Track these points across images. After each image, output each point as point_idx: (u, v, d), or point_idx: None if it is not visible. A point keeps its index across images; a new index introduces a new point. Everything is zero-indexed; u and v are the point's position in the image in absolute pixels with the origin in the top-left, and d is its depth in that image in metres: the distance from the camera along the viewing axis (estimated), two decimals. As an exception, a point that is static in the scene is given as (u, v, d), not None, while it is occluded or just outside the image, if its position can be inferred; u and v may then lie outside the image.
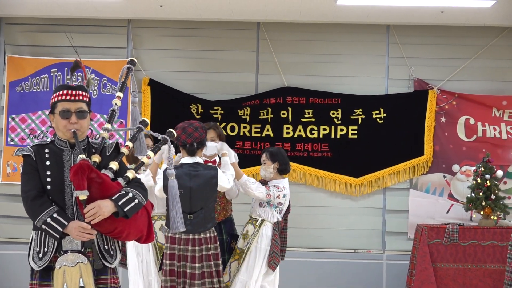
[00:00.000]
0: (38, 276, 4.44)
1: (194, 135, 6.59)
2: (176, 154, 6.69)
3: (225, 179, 6.71)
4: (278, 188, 7.12)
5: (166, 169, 6.58)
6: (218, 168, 6.74)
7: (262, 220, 7.13)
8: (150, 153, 4.79)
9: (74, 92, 4.54)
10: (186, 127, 6.63)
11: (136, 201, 4.44)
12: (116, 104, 4.80)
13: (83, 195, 4.29)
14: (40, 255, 4.43)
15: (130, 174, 4.56)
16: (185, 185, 6.51)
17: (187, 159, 6.64)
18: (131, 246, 7.10)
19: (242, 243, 7.12)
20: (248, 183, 7.00)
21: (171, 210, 5.01)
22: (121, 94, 4.85)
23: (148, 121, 5.02)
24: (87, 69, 5.17)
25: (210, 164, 6.80)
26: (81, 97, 4.56)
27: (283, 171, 7.30)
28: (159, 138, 4.91)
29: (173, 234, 6.49)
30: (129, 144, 4.74)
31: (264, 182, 7.36)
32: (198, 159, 6.66)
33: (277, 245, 7.09)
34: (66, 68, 9.42)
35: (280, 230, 7.26)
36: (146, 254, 7.21)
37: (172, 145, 5.04)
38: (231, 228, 7.38)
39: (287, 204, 7.30)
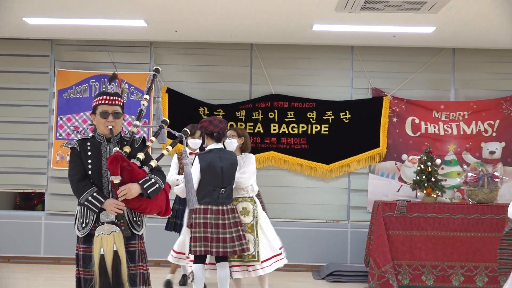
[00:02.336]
0: (82, 241, 4.49)
1: (220, 126, 6.68)
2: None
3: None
4: None
5: (199, 155, 6.66)
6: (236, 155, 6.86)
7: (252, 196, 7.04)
8: (169, 147, 4.81)
9: (111, 98, 4.58)
10: (212, 120, 6.72)
11: (157, 185, 4.48)
12: (143, 104, 4.82)
13: (116, 179, 4.33)
14: (83, 225, 4.47)
15: (153, 163, 4.60)
16: (218, 165, 6.57)
17: (214, 145, 6.70)
18: None
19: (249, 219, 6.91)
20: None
21: (187, 191, 5.01)
22: (147, 97, 4.86)
23: (168, 121, 5.04)
24: (122, 81, 5.16)
25: (229, 151, 6.84)
26: (116, 102, 4.59)
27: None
28: (176, 135, 4.93)
29: (207, 206, 6.49)
30: (153, 138, 4.77)
31: None
32: (221, 145, 6.72)
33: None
34: (102, 79, 9.42)
35: None
36: None
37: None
38: None
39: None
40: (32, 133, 9.64)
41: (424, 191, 8.55)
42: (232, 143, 6.97)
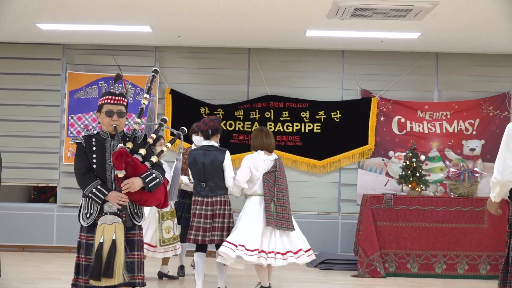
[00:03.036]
0: (85, 230, 4.47)
1: (209, 124, 6.65)
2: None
3: (229, 164, 6.62)
4: None
5: (190, 151, 6.77)
6: (227, 151, 6.66)
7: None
8: (168, 144, 4.80)
9: (116, 98, 4.54)
10: (205, 119, 6.75)
11: (158, 180, 4.47)
12: (144, 103, 4.79)
13: (121, 173, 4.32)
14: (87, 215, 4.46)
15: (154, 159, 4.58)
16: (200, 161, 6.57)
17: (205, 142, 6.69)
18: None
19: None
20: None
21: (171, 184, 5.02)
22: (148, 96, 4.83)
23: (168, 119, 5.02)
24: (126, 82, 5.14)
25: (220, 146, 6.75)
26: (121, 102, 4.56)
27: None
28: (174, 133, 4.92)
29: (195, 197, 6.59)
30: (153, 135, 4.74)
31: None
32: (212, 142, 6.67)
33: None
34: (110, 81, 9.40)
35: None
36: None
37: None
38: None
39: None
40: (45, 131, 9.63)
41: (409, 185, 8.55)
42: None
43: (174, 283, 7.53)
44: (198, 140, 7.35)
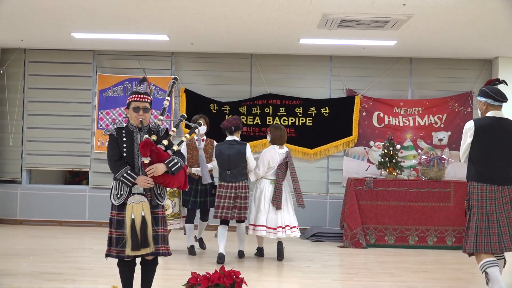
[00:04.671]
0: (116, 208, 4.51)
1: (233, 122, 6.81)
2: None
3: (250, 154, 6.85)
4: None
5: (216, 145, 6.97)
6: (248, 144, 6.86)
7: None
8: (187, 135, 4.83)
9: (142, 96, 4.58)
10: (229, 118, 6.94)
11: (179, 164, 4.51)
12: (165, 104, 4.83)
13: (146, 160, 4.37)
14: (118, 196, 4.49)
15: (175, 147, 4.62)
16: (226, 153, 6.72)
17: (229, 137, 6.84)
18: None
19: None
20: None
21: (202, 170, 5.06)
22: (169, 98, 4.87)
23: (186, 116, 5.05)
24: (150, 83, 5.18)
25: (241, 140, 6.89)
26: (146, 99, 4.59)
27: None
28: (192, 126, 4.97)
29: (221, 182, 6.81)
30: (174, 129, 4.79)
31: None
32: (235, 137, 6.82)
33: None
34: (134, 81, 9.42)
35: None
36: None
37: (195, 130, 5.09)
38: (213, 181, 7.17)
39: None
40: (79, 124, 9.66)
41: (387, 170, 8.59)
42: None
43: (193, 258, 7.34)
44: (202, 130, 7.27)
